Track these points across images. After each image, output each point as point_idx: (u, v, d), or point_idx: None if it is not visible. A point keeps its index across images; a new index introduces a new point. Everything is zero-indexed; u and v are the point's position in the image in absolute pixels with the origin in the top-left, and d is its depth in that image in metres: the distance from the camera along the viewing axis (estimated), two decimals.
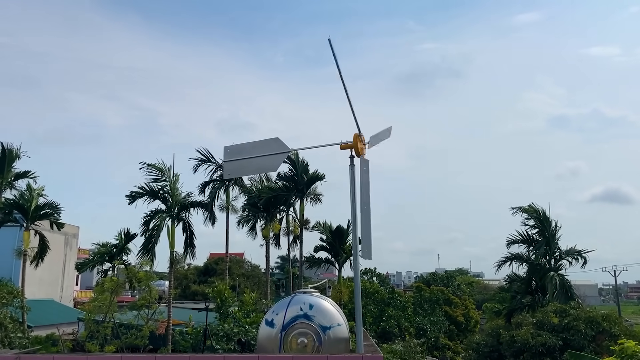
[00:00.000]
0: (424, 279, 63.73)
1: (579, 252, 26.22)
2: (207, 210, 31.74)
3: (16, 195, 31.79)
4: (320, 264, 34.31)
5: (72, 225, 48.78)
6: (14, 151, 31.71)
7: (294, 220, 33.45)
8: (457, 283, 54.13)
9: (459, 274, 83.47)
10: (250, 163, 8.30)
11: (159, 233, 30.43)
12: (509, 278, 30.87)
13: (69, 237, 48.95)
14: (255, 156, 8.23)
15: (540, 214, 27.45)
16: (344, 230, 31.46)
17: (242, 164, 8.34)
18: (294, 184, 30.37)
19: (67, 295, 49.25)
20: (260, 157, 8.23)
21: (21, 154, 32.23)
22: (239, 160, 8.30)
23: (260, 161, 8.30)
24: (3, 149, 31.28)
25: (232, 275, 53.25)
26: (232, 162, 8.38)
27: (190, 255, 30.20)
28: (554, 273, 25.27)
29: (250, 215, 32.50)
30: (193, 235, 30.91)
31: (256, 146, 8.31)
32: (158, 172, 30.13)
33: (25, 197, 31.20)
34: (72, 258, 48.91)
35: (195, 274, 59.80)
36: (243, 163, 8.32)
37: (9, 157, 31.54)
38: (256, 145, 8.32)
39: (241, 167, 8.61)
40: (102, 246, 34.23)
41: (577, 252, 26.23)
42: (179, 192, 31.32)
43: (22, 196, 31.35)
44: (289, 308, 7.41)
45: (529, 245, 28.41)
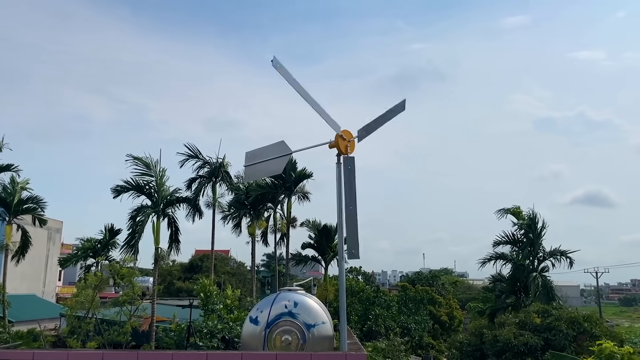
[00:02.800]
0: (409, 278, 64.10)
1: (563, 252, 26.49)
2: (192, 207, 31.56)
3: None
4: (306, 262, 34.29)
5: (55, 220, 48.20)
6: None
7: (282, 218, 33.38)
8: (441, 282, 54.47)
9: (444, 273, 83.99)
10: (263, 166, 8.77)
11: (142, 229, 30.15)
12: (493, 278, 31.10)
13: (52, 232, 48.38)
14: (266, 159, 8.67)
15: (526, 215, 27.70)
16: (331, 228, 31.46)
17: (257, 167, 8.81)
18: (282, 182, 30.26)
19: (49, 291, 48.70)
20: (270, 160, 8.66)
21: (4, 147, 31.58)
22: (256, 165, 8.74)
23: (269, 164, 8.72)
24: None
25: (218, 273, 53.03)
26: (251, 166, 8.80)
27: (175, 251, 29.98)
28: (537, 273, 25.54)
29: (236, 212, 32.34)
30: (178, 230, 30.70)
31: (267, 150, 8.72)
32: (144, 167, 29.84)
33: (7, 191, 30.72)
34: (55, 253, 48.37)
35: (180, 270, 59.41)
36: (258, 167, 8.78)
37: None
38: (267, 149, 8.72)
39: (257, 171, 9.18)
40: (86, 241, 33.89)
41: (560, 253, 26.50)
42: (166, 188, 31.10)
43: (5, 189, 30.85)
44: (273, 305, 7.41)
45: (514, 245, 28.66)
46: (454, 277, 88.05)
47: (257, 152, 8.81)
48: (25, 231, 31.83)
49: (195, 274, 49.48)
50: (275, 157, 8.65)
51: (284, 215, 32.51)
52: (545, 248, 27.04)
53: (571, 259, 26.12)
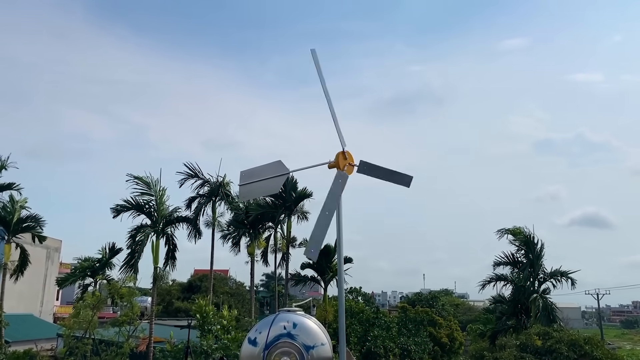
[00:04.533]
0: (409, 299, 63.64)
1: (564, 273, 26.34)
2: (192, 226, 31.52)
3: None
4: (306, 282, 34.07)
5: (54, 239, 48.07)
6: (0, 162, 31.23)
7: (282, 238, 33.30)
8: (441, 304, 54.06)
9: (444, 294, 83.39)
10: (259, 186, 8.63)
11: (142, 248, 30.07)
12: (494, 299, 30.88)
13: (50, 251, 48.21)
14: (263, 179, 8.53)
15: (526, 236, 27.63)
16: (331, 248, 31.33)
17: (253, 187, 8.67)
18: (282, 201, 30.28)
19: (47, 310, 48.34)
20: (266, 179, 8.52)
21: (8, 165, 31.70)
22: (252, 184, 8.61)
23: (266, 184, 8.58)
24: None
25: (216, 293, 52.67)
26: (246, 185, 8.67)
27: (171, 268, 29.88)
28: (537, 295, 25.37)
29: (235, 232, 32.27)
30: (175, 248, 30.64)
31: (264, 169, 8.60)
32: (144, 186, 29.91)
33: (7, 210, 30.72)
34: (53, 272, 48.13)
35: (178, 290, 59.03)
36: (254, 186, 8.65)
37: None
38: (263, 168, 8.61)
39: (252, 190, 8.97)
40: (84, 261, 33.73)
41: (561, 274, 26.34)
42: (165, 207, 31.10)
43: (5, 208, 30.84)
44: (272, 327, 7.34)
45: (514, 266, 28.53)
46: (454, 298, 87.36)
47: (252, 171, 8.68)
48: (23, 250, 31.75)
49: (194, 294, 49.12)
50: (272, 177, 8.50)
51: (284, 235, 32.45)
52: (545, 269, 26.92)
53: (572, 280, 25.94)
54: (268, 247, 34.70)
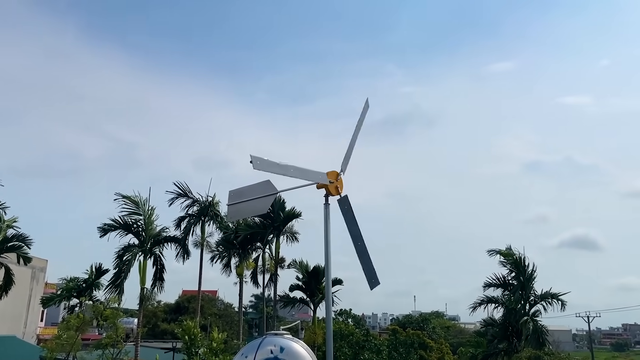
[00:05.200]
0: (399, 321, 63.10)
1: (554, 295, 26.16)
2: (181, 246, 31.14)
3: None
4: (294, 304, 33.59)
5: (40, 259, 47.24)
6: None
7: (270, 259, 32.96)
8: (432, 326, 53.62)
9: (435, 316, 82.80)
10: (248, 205, 8.55)
11: (129, 268, 29.61)
12: (484, 322, 30.61)
13: (36, 271, 47.35)
14: (251, 199, 8.46)
15: (516, 258, 27.50)
16: (320, 269, 31.00)
17: (241, 206, 8.59)
18: (270, 221, 30.02)
19: (30, 332, 47.28)
20: (255, 199, 8.45)
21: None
22: (240, 203, 8.53)
23: (254, 203, 8.51)
24: None
25: (204, 314, 51.91)
26: (234, 205, 8.59)
27: (159, 289, 29.41)
28: (528, 318, 25.16)
29: (224, 252, 31.91)
30: (163, 268, 30.23)
31: (252, 189, 8.52)
32: (133, 205, 29.58)
33: None
34: (38, 292, 47.13)
35: (165, 311, 58.08)
36: (242, 206, 8.57)
37: None
38: (252, 188, 8.53)
39: (241, 210, 8.91)
40: (70, 281, 33.06)
41: (552, 296, 26.16)
42: (154, 227, 30.72)
43: None
44: (259, 350, 7.14)
45: (505, 288, 28.33)
46: (445, 320, 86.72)
47: (241, 190, 8.58)
48: (8, 269, 31.07)
49: (182, 315, 48.36)
50: (261, 197, 8.41)
51: (273, 256, 32.12)
52: (536, 291, 26.74)
53: (563, 302, 25.77)
54: (257, 267, 34.35)
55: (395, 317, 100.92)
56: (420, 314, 66.02)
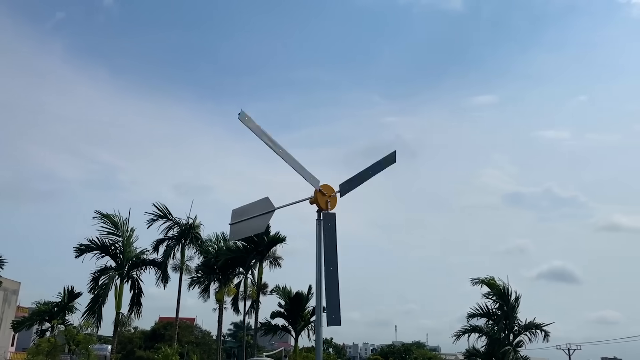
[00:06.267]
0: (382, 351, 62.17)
1: (538, 325, 25.94)
2: (160, 270, 30.26)
3: None
4: (276, 331, 32.61)
5: (12, 281, 45.70)
6: None
7: (252, 284, 32.17)
8: (414, 357, 52.88)
9: (417, 347, 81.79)
10: (248, 224, 8.28)
11: (106, 292, 28.58)
12: (468, 352, 30.15)
13: (8, 293, 45.73)
14: (251, 217, 8.19)
15: (500, 288, 27.30)
16: (303, 296, 30.36)
17: (242, 225, 8.34)
18: (253, 246, 29.39)
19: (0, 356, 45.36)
20: (254, 217, 8.19)
21: None
22: (242, 222, 8.29)
23: (253, 222, 8.24)
24: None
25: (181, 342, 50.45)
26: (237, 224, 8.34)
27: (136, 314, 28.41)
28: (510, 348, 24.85)
29: (203, 277, 31.06)
30: (141, 292, 29.29)
31: (252, 207, 8.27)
32: (112, 225, 28.75)
33: None
34: (9, 316, 45.43)
35: (141, 338, 56.30)
36: (243, 225, 8.32)
37: None
38: (252, 206, 8.28)
39: (242, 229, 8.63)
40: (43, 304, 31.87)
41: (535, 326, 25.93)
42: (132, 249, 29.84)
43: None
44: None
45: (488, 318, 28.03)
46: (426, 351, 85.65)
47: (243, 209, 8.34)
48: None
49: (158, 343, 46.89)
50: (259, 215, 8.13)
51: (254, 281, 31.37)
52: (520, 321, 26.48)
53: (546, 333, 25.55)
54: (238, 293, 33.49)
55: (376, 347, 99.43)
56: (403, 345, 65.12)
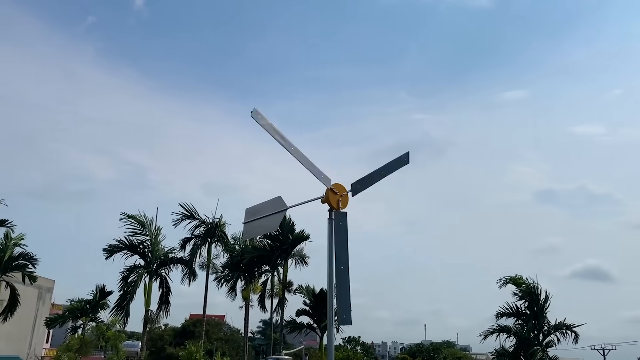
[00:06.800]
0: (410, 350, 61.74)
1: (569, 326, 25.31)
2: (187, 267, 30.75)
3: None
4: (301, 329, 32.77)
5: (47, 279, 47.03)
6: None
7: (279, 282, 32.37)
8: (443, 356, 52.31)
9: (447, 346, 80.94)
10: (261, 223, 8.34)
11: (135, 290, 29.22)
12: (496, 352, 29.69)
13: (42, 291, 47.07)
14: (264, 216, 8.24)
15: (529, 287, 26.78)
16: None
17: (255, 224, 8.39)
18: (278, 244, 29.53)
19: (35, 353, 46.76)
20: (266, 216, 8.23)
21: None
22: (255, 221, 8.34)
23: (266, 221, 8.29)
24: None
25: (210, 339, 51.10)
26: (250, 222, 8.40)
27: (165, 313, 28.93)
28: (539, 348, 24.32)
29: (230, 275, 31.40)
30: (169, 291, 29.80)
31: (265, 206, 8.31)
32: (138, 225, 29.36)
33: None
34: (44, 313, 46.75)
35: (172, 335, 57.24)
36: (256, 224, 8.37)
37: None
38: (265, 205, 8.32)
39: (255, 228, 8.74)
40: (77, 302, 32.75)
41: (566, 327, 25.31)
42: (160, 247, 30.40)
43: None
44: None
45: (517, 317, 27.53)
46: (456, 350, 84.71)
47: (255, 208, 8.40)
48: (14, 289, 30.83)
49: (187, 340, 47.64)
50: (272, 214, 8.16)
51: (281, 279, 31.54)
52: (550, 321, 25.91)
53: (576, 334, 24.92)
54: (265, 291, 33.74)
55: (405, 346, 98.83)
56: (431, 344, 64.49)
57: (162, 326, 55.44)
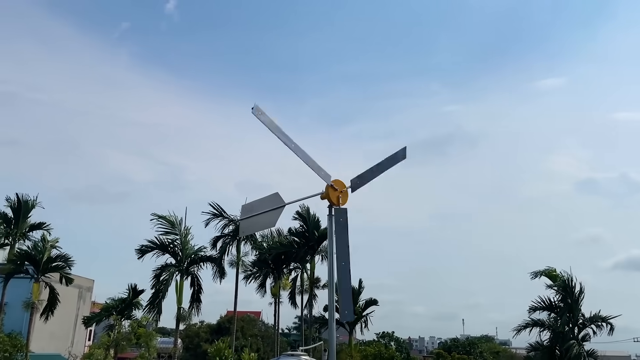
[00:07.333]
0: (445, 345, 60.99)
1: (604, 318, 24.55)
2: (217, 265, 31.24)
3: (29, 246, 31.82)
4: None
5: (86, 279, 48.58)
6: (30, 202, 32.03)
7: (307, 279, 32.55)
8: (479, 350, 51.43)
9: (485, 340, 79.60)
10: (258, 220, 8.37)
11: (166, 288, 29.94)
12: (531, 347, 29.05)
13: (82, 291, 48.66)
14: (260, 212, 8.23)
15: (563, 279, 26.09)
16: (355, 290, 30.37)
17: (252, 221, 8.44)
18: (304, 240, 29.66)
19: (77, 351, 48.33)
20: (264, 213, 8.20)
21: (37, 205, 32.52)
22: (251, 218, 8.40)
23: (263, 217, 8.27)
24: (19, 200, 31.65)
25: (245, 335, 51.76)
26: (246, 219, 8.50)
27: (196, 311, 29.47)
28: (574, 342, 23.64)
29: (259, 272, 31.72)
30: (200, 289, 30.35)
31: (262, 202, 8.28)
32: (169, 225, 30.04)
33: (37, 249, 31.17)
34: (84, 312, 48.34)
35: (207, 332, 58.20)
36: (253, 220, 8.41)
37: (25, 208, 31.84)
38: (262, 201, 8.29)
39: (252, 225, 8.80)
40: (113, 301, 33.71)
41: (601, 319, 24.56)
42: (190, 246, 31.04)
43: (35, 247, 31.31)
44: None
45: (551, 311, 26.88)
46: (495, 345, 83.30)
47: (252, 205, 8.42)
48: (52, 289, 31.97)
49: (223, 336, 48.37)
50: (269, 210, 8.12)
51: (309, 276, 31.70)
52: (585, 314, 25.17)
53: (612, 325, 24.14)
54: (295, 288, 33.96)
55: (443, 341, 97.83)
56: (467, 338, 63.51)
57: (197, 323, 56.45)
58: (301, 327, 66.85)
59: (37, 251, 31.04)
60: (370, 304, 30.08)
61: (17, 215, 31.71)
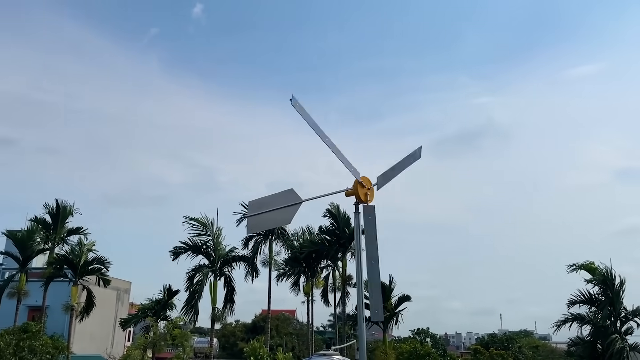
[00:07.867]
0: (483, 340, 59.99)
1: None
2: (249, 265, 31.46)
3: (67, 250, 32.71)
4: None
5: (124, 281, 49.61)
6: (68, 208, 32.90)
7: (340, 277, 32.46)
8: (518, 346, 50.37)
9: (524, 335, 77.99)
10: (269, 216, 8.02)
11: (201, 288, 30.30)
12: (571, 341, 28.27)
13: (120, 293, 49.71)
14: (272, 209, 7.93)
15: (602, 272, 25.26)
16: (386, 287, 30.00)
17: (261, 218, 8.08)
18: (335, 238, 29.55)
19: (117, 352, 49.47)
20: (277, 209, 7.90)
21: (75, 212, 33.40)
22: (260, 215, 8.04)
23: (276, 214, 7.96)
24: (57, 205, 32.55)
25: (280, 334, 52.05)
26: (254, 216, 8.16)
27: (230, 311, 29.73)
28: (617, 336, 22.86)
29: (291, 270, 31.77)
30: (234, 290, 30.58)
31: (274, 198, 8.00)
32: (201, 227, 30.40)
33: (75, 252, 32.02)
34: (123, 313, 49.30)
35: (243, 331, 58.81)
36: (263, 217, 8.05)
37: (63, 213, 32.74)
38: (274, 197, 8.02)
39: (261, 222, 8.40)
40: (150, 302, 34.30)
41: None
42: (222, 247, 31.35)
43: (73, 251, 32.18)
44: None
45: (591, 305, 26.08)
46: (534, 339, 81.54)
47: (261, 201, 8.07)
48: (90, 291, 32.78)
49: (258, 335, 48.75)
50: (283, 207, 7.83)
51: (341, 274, 31.57)
52: (627, 307, 24.34)
53: None
54: (327, 286, 33.91)
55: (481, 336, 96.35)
56: (505, 333, 62.32)
57: (233, 322, 57.06)
58: (335, 324, 67.00)
59: (75, 255, 31.90)
60: (403, 300, 29.76)
61: (56, 221, 32.59)
